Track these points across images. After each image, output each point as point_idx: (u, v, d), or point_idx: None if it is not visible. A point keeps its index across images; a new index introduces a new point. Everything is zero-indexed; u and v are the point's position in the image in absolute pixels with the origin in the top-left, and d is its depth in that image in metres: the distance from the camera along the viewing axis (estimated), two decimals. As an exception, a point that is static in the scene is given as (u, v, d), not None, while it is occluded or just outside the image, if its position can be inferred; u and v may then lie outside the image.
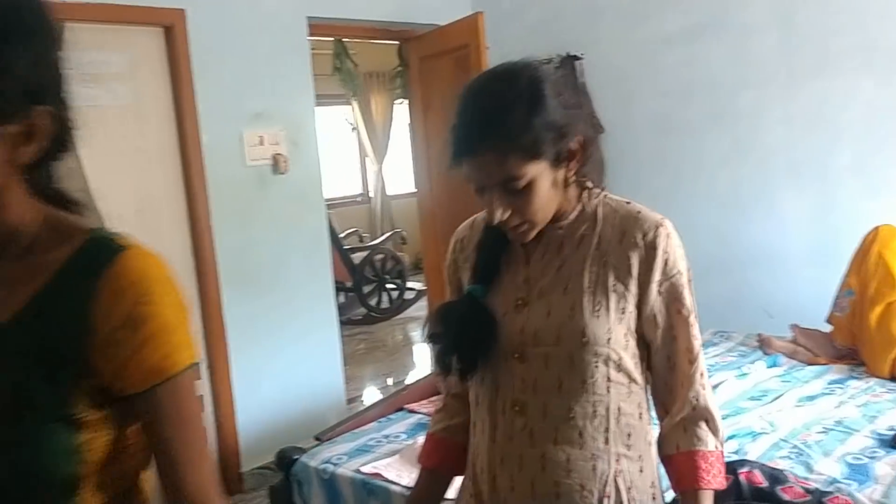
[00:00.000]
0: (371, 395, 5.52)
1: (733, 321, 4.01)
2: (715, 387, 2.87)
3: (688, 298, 1.34)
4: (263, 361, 4.04)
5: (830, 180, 4.12)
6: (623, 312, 1.31)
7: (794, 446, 2.46)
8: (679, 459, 1.34)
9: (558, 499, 1.33)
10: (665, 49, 4.53)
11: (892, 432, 2.46)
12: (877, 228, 3.28)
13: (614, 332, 1.31)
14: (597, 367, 1.31)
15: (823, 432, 2.56)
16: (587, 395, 1.32)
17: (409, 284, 7.68)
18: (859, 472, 2.25)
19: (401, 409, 3.07)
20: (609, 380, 1.32)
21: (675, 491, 1.33)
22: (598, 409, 1.33)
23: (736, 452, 2.41)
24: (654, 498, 1.37)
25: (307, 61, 4.22)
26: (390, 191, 9.43)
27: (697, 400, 1.32)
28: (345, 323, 7.21)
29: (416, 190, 5.38)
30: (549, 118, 1.24)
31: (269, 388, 4.08)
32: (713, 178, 4.48)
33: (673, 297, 1.34)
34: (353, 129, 9.19)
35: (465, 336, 1.37)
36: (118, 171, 3.53)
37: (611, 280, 1.31)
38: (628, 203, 1.37)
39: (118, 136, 3.53)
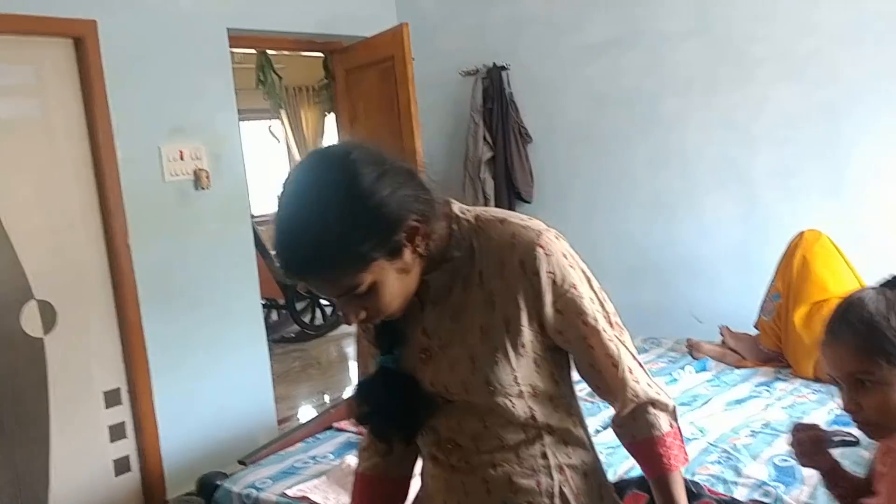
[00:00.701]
0: (306, 413, 5.41)
1: (663, 327, 4.04)
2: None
3: (590, 306, 1.28)
4: (188, 383, 3.90)
5: (752, 186, 4.19)
6: (524, 347, 1.27)
7: (724, 451, 2.46)
8: (638, 449, 1.32)
9: None
10: (589, 58, 4.57)
11: (817, 433, 2.48)
12: (801, 233, 3.34)
13: (520, 370, 1.28)
14: (513, 403, 1.29)
15: (751, 435, 2.57)
16: (513, 425, 1.30)
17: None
18: (786, 473, 2.26)
19: (329, 428, 2.98)
20: (531, 407, 1.30)
21: (648, 479, 1.32)
22: (528, 433, 1.31)
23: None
24: (602, 498, 1.37)
25: (228, 73, 4.11)
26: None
27: (637, 395, 1.29)
28: (277, 341, 7.09)
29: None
30: (371, 220, 1.12)
31: (195, 411, 3.93)
32: (637, 186, 4.52)
33: (574, 312, 1.27)
34: (278, 142, 9.04)
35: (396, 410, 1.32)
36: (29, 187, 3.38)
37: (502, 320, 1.25)
38: (502, 223, 1.28)
39: (27, 151, 3.38)
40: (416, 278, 1.24)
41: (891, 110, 3.78)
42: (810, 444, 1.38)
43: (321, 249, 1.11)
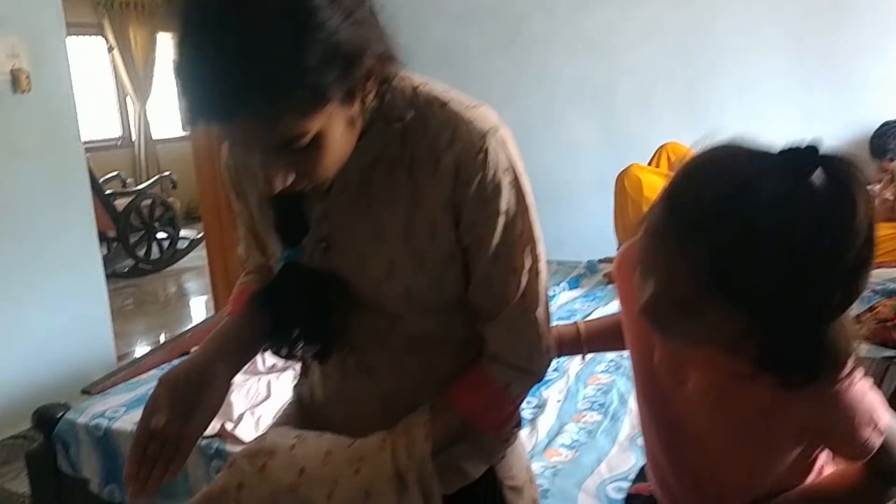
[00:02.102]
0: (143, 352, 4.99)
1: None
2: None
3: (509, 249, 1.06)
4: (11, 318, 3.44)
5: (616, 108, 4.18)
6: (450, 259, 1.06)
7: (611, 360, 2.40)
8: (471, 378, 1.16)
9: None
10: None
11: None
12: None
13: (442, 283, 1.08)
14: (429, 314, 1.11)
15: (636, 344, 2.53)
16: (424, 336, 1.12)
17: (182, 233, 7.07)
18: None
19: (185, 354, 2.68)
20: (447, 319, 1.12)
21: (439, 401, 1.16)
22: (440, 346, 1.14)
23: (556, 370, 2.31)
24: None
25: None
26: (156, 135, 8.63)
27: (503, 353, 1.12)
28: (109, 276, 6.50)
29: (184, 133, 4.85)
30: (331, 46, 0.86)
31: (22, 348, 3.49)
32: (501, 107, 4.33)
33: (486, 245, 1.05)
34: (111, 49, 8.19)
35: (307, 318, 1.09)
36: None
37: (428, 222, 1.03)
38: (443, 107, 1.03)
39: None
40: (354, 139, 0.99)
41: (743, 29, 3.85)
42: None
43: (267, 80, 0.84)
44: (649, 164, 3.35)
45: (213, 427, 2.06)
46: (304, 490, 1.03)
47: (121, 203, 6.60)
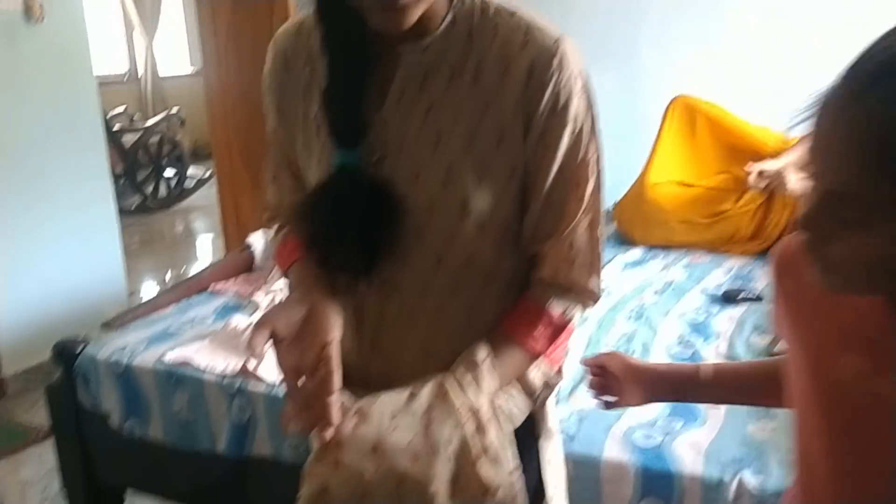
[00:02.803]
0: (151, 291, 4.99)
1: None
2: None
3: (574, 160, 1.04)
4: (22, 254, 3.42)
5: (639, 65, 4.11)
6: (514, 170, 1.04)
7: (633, 309, 2.39)
8: (523, 306, 1.13)
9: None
10: None
11: (721, 290, 2.47)
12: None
13: (504, 198, 1.05)
14: (484, 237, 1.06)
15: (657, 294, 2.52)
16: (476, 268, 1.08)
17: (189, 171, 7.01)
18: (700, 329, 2.22)
19: (203, 291, 2.68)
20: (502, 250, 1.09)
21: (493, 333, 1.13)
22: (491, 283, 1.10)
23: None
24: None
25: None
26: (162, 72, 8.51)
27: (561, 274, 1.10)
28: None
29: (194, 68, 4.76)
30: None
31: (35, 282, 3.48)
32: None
33: (552, 154, 1.03)
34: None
35: (358, 229, 1.03)
36: None
37: (495, 129, 1.01)
38: (513, 14, 1.03)
39: None
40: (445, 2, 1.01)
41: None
42: (617, 379, 1.15)
43: None
44: (663, 117, 3.28)
45: (235, 366, 2.06)
46: (387, 466, 0.98)
47: (128, 139, 6.54)
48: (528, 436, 1.17)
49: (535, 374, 1.15)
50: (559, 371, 1.20)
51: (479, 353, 1.07)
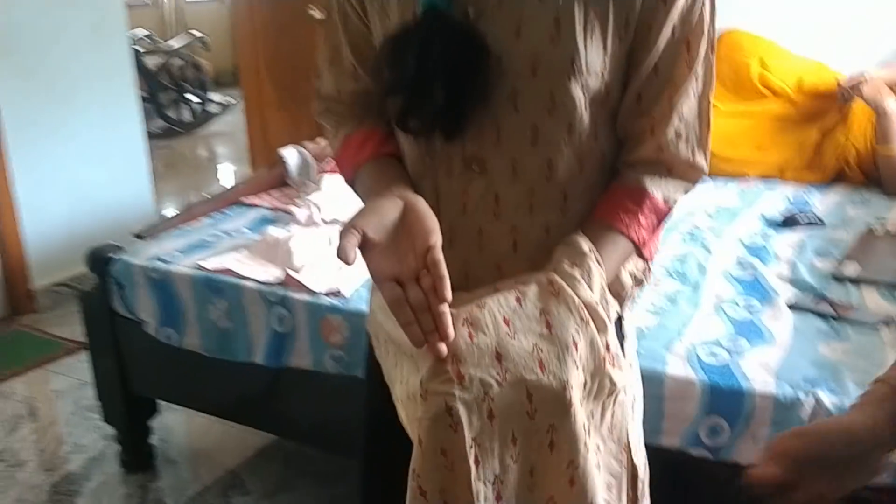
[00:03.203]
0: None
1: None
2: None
3: (698, 24, 0.96)
4: (52, 171, 3.37)
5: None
6: (625, 27, 0.94)
7: (685, 231, 2.29)
8: (619, 190, 1.04)
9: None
10: None
11: (778, 215, 2.36)
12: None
13: (612, 60, 0.95)
14: (588, 107, 0.96)
15: (710, 217, 2.41)
16: (573, 145, 0.97)
17: (212, 96, 6.89)
18: (758, 252, 2.12)
19: (237, 204, 2.60)
20: (599, 123, 0.99)
21: (591, 222, 1.04)
22: (585, 164, 1.00)
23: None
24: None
25: None
26: (184, -5, 8.33)
27: (669, 147, 1.02)
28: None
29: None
30: None
31: (66, 199, 3.44)
32: None
33: (683, 15, 0.95)
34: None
35: (453, 79, 0.92)
36: None
37: None
38: None
39: None
40: None
41: None
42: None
43: None
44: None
45: (277, 275, 1.99)
46: (514, 376, 0.88)
47: (151, 62, 6.42)
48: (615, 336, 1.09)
49: (627, 268, 1.06)
50: (649, 268, 1.11)
51: (580, 244, 0.98)
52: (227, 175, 5.81)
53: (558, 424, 0.89)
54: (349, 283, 1.92)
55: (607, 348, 0.93)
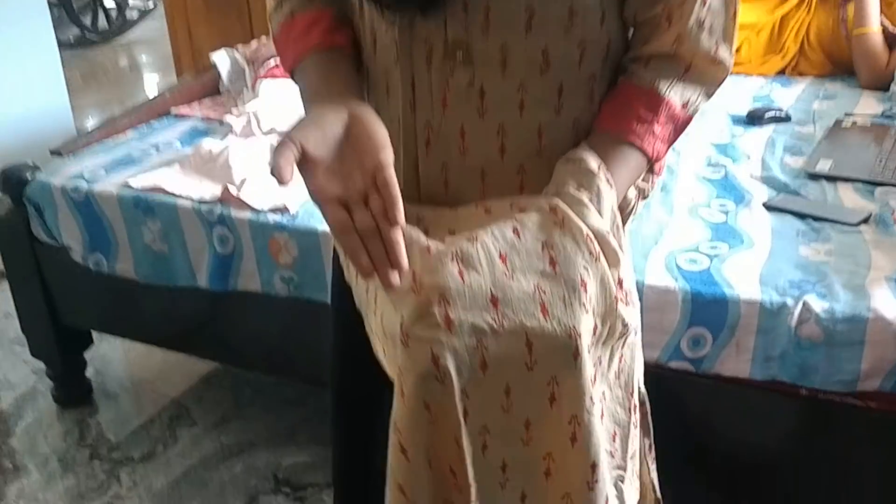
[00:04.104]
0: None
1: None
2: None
3: None
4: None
5: None
6: None
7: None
8: (628, 91, 0.90)
9: (524, 189, 0.88)
10: None
11: (743, 112, 2.26)
12: None
13: None
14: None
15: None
16: (574, 31, 0.83)
17: (132, 1, 6.43)
18: (727, 151, 2.02)
19: (166, 115, 2.38)
20: (606, 5, 0.84)
21: (596, 131, 0.90)
22: (586, 55, 0.85)
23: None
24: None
25: None
26: None
27: (690, 41, 0.87)
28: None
29: None
30: None
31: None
32: None
33: None
34: None
35: None
36: None
37: None
38: None
39: None
40: None
41: None
42: None
43: None
44: None
45: (214, 192, 1.81)
46: (514, 322, 0.75)
47: (61, -37, 5.91)
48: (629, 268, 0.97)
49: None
50: (654, 180, 0.98)
51: (588, 161, 0.84)
52: (151, 86, 5.46)
53: (561, 377, 0.78)
54: (295, 198, 1.76)
55: (619, 284, 0.81)
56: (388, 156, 0.74)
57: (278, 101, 2.21)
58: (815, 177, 1.83)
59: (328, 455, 1.15)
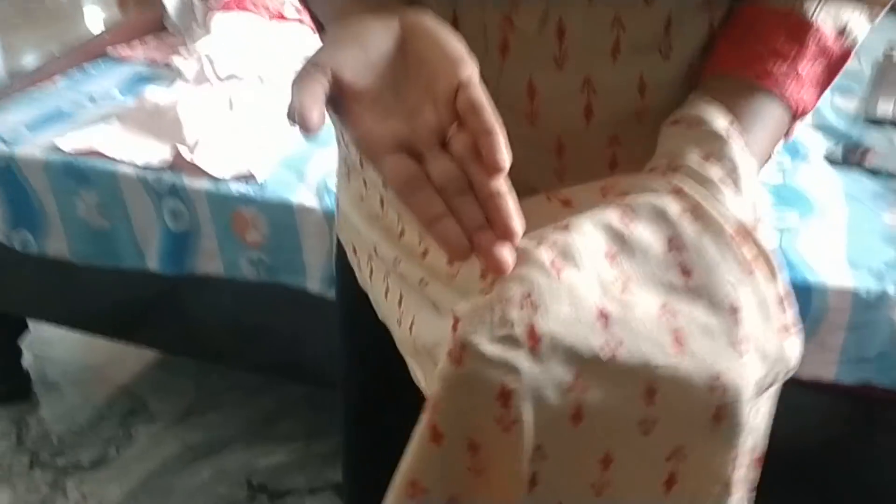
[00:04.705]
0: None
1: None
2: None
3: None
4: None
5: None
6: None
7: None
8: (769, 19, 0.60)
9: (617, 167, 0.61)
10: None
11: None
12: None
13: None
14: None
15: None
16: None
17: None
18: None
19: (102, 56, 2.02)
20: None
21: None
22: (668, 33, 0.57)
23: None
24: None
25: None
26: None
27: None
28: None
29: None
30: None
31: None
32: None
33: None
34: None
35: None
36: None
37: None
38: None
39: None
40: None
41: None
42: None
43: None
44: None
45: (163, 155, 1.49)
46: (630, 354, 0.47)
47: None
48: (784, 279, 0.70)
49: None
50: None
51: (713, 118, 0.55)
52: (96, 23, 5.01)
53: (691, 449, 0.50)
54: (263, 162, 1.45)
55: (781, 303, 0.52)
56: (469, 71, 0.47)
57: (236, 39, 1.87)
58: (877, 122, 1.57)
59: (309, 453, 0.89)
